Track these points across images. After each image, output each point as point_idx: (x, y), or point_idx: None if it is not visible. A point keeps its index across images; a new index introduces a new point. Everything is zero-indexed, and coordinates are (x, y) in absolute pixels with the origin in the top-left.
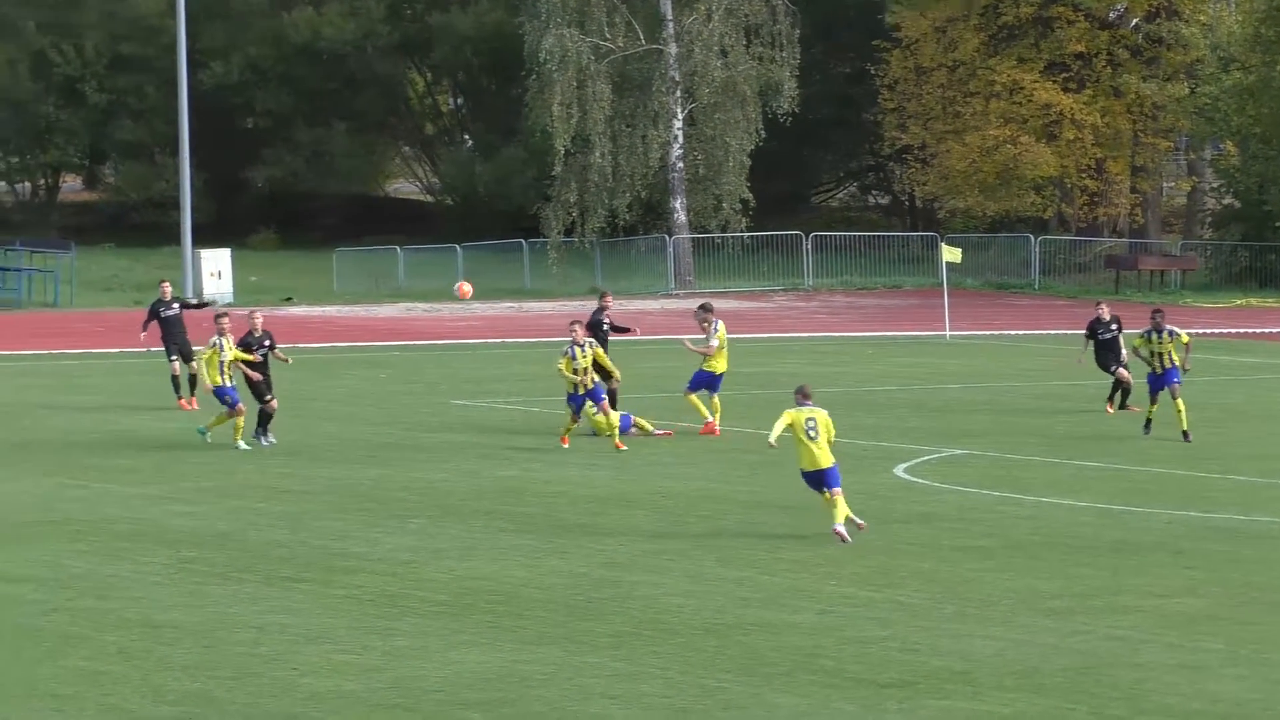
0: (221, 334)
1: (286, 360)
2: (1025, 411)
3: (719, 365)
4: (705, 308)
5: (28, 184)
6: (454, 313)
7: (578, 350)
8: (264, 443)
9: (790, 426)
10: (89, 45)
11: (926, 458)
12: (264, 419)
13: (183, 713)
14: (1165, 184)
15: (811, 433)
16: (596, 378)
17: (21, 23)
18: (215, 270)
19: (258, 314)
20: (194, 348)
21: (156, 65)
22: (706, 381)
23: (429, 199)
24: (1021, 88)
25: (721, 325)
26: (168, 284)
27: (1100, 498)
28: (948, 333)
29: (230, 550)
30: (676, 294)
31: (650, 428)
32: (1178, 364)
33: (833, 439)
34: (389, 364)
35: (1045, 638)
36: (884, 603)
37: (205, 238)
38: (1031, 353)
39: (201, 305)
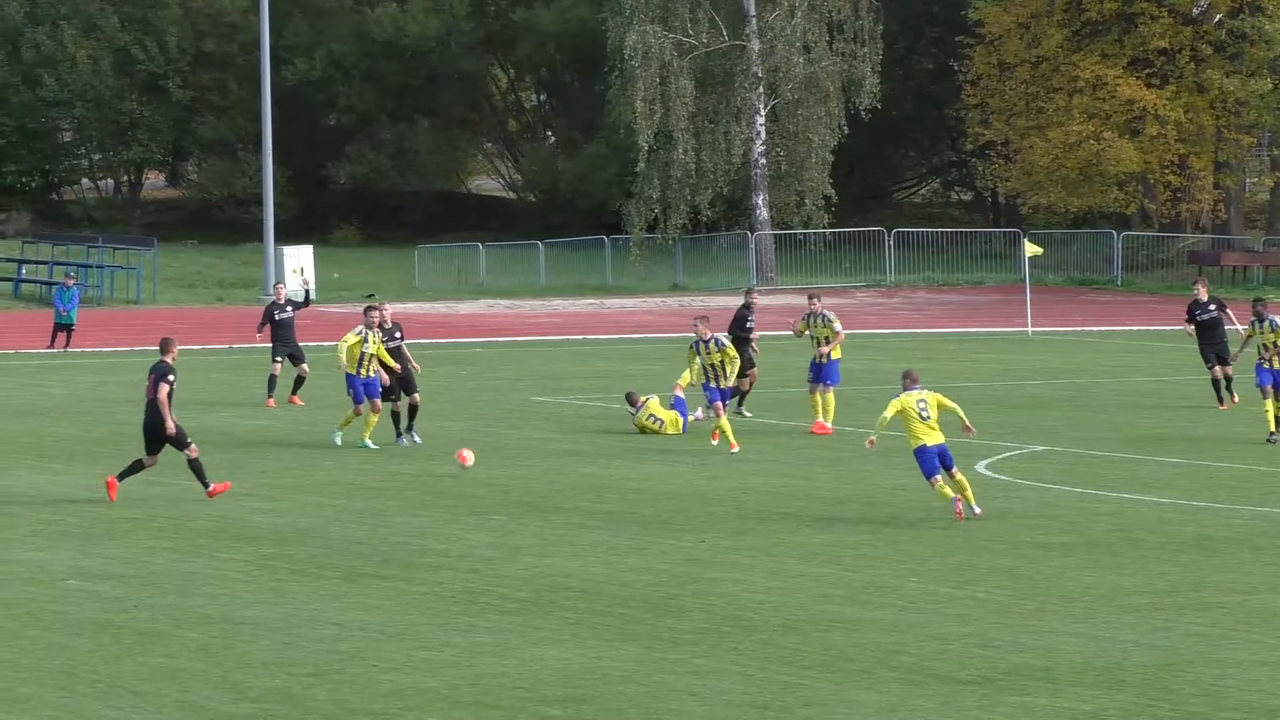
0: (370, 326)
1: (417, 367)
2: (1107, 408)
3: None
4: (816, 297)
5: (111, 181)
6: (535, 310)
7: (702, 347)
8: (401, 443)
9: (900, 413)
10: (172, 42)
11: (1008, 454)
12: (410, 413)
13: (262, 710)
14: (1248, 180)
15: (924, 414)
16: (726, 383)
17: (104, 20)
18: (297, 267)
19: (386, 306)
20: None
21: (239, 62)
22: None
23: (511, 195)
24: (1105, 83)
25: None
26: (283, 286)
27: (1182, 494)
28: (1030, 329)
29: (311, 547)
30: (758, 291)
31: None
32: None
33: (951, 406)
34: (470, 360)
35: (1126, 634)
36: (964, 599)
37: (287, 234)
38: (1114, 349)
39: (306, 302)
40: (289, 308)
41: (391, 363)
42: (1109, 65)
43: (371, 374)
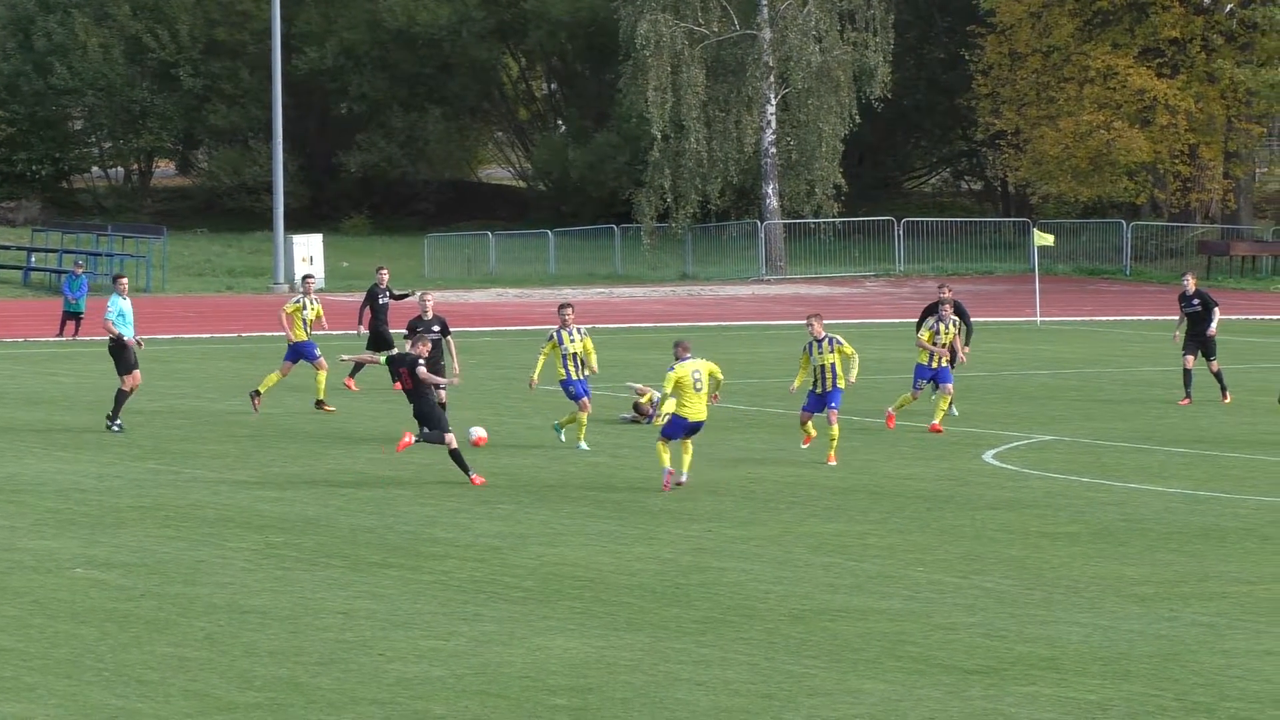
0: (563, 327)
1: (455, 380)
2: (1115, 398)
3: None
4: (946, 297)
5: (121, 169)
6: (544, 299)
7: (814, 347)
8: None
9: (677, 384)
10: (183, 30)
11: (1015, 444)
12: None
13: (269, 699)
14: (1258, 169)
15: (698, 385)
16: (842, 383)
17: (116, 8)
18: (307, 255)
19: (429, 296)
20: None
21: (250, 50)
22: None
23: (522, 184)
24: (1116, 73)
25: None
26: (385, 271)
27: (1188, 484)
28: (1039, 318)
29: (318, 535)
30: (768, 280)
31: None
32: None
33: (718, 376)
34: (479, 349)
35: (1132, 624)
36: (971, 589)
37: (297, 223)
38: (1122, 339)
39: (404, 296)
40: (388, 293)
41: (592, 359)
42: (1120, 55)
43: (582, 375)
